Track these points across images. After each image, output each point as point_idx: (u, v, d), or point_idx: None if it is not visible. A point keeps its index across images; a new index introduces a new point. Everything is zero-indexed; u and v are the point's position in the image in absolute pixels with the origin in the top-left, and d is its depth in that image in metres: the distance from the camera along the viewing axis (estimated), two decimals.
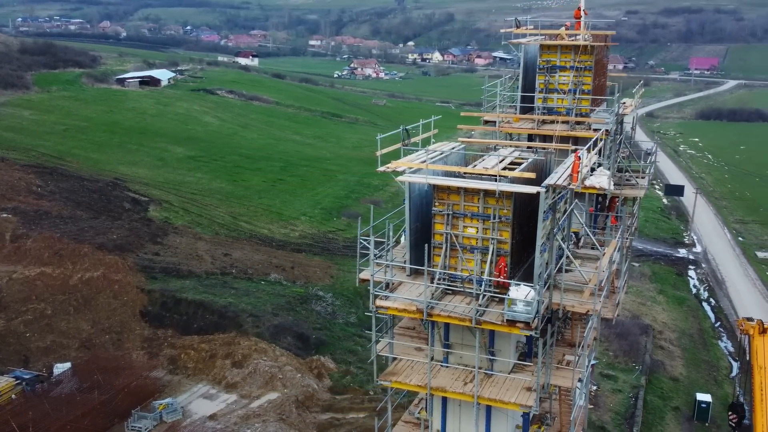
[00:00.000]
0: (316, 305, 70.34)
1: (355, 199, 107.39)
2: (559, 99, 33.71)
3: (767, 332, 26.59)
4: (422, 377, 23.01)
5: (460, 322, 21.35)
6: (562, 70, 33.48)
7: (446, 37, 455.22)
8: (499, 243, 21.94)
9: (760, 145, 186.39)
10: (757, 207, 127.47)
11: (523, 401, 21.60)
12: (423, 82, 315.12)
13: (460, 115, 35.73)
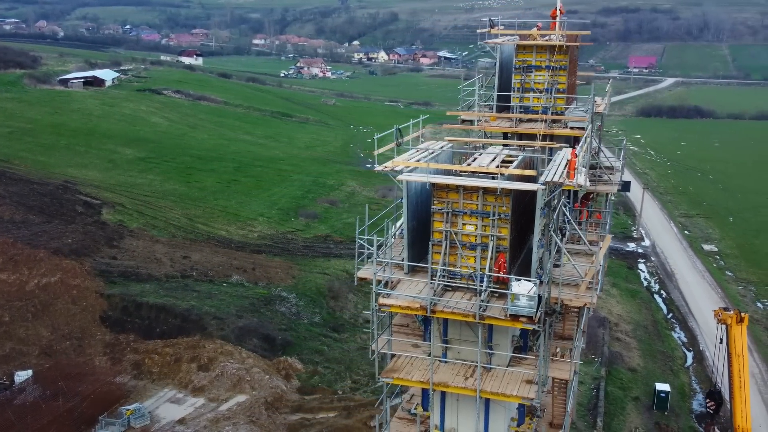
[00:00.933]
0: (280, 306, 70.06)
1: (312, 199, 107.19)
2: (535, 98, 34.37)
3: (744, 321, 27.69)
4: (423, 373, 23.31)
5: (464, 317, 21.72)
6: (537, 70, 34.16)
7: (391, 36, 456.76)
8: (498, 240, 22.38)
9: (699, 141, 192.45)
10: (700, 201, 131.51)
11: (525, 394, 22.10)
12: (370, 81, 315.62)
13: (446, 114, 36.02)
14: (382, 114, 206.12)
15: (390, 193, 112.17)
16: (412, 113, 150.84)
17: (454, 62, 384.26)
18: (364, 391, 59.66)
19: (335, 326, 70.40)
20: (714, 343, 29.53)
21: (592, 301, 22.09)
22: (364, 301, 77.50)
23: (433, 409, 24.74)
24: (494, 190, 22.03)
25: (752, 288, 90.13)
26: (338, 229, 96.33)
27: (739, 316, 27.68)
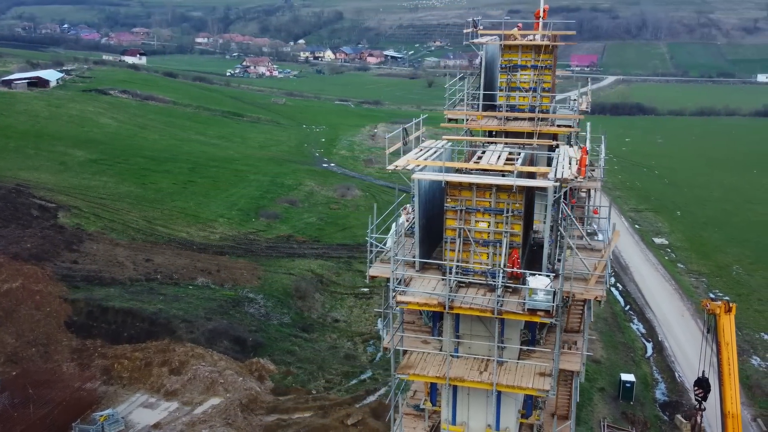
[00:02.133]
0: (248, 308, 69.60)
1: (271, 199, 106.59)
2: (522, 97, 34.99)
3: (732, 311, 28.84)
4: (437, 368, 23.64)
5: (482, 313, 22.13)
6: (523, 69, 34.76)
7: (336, 35, 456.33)
8: (512, 236, 22.86)
9: (643, 137, 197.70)
10: (648, 196, 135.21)
11: (540, 386, 22.63)
12: (318, 80, 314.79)
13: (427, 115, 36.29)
14: (333, 113, 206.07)
15: (348, 192, 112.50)
16: (363, 112, 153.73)
17: (401, 61, 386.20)
18: (338, 390, 59.76)
19: (304, 326, 70.28)
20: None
21: (602, 294, 22.74)
22: (331, 301, 77.67)
23: (444, 404, 25.09)
24: (507, 187, 22.48)
25: (704, 279, 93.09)
26: (300, 229, 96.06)
27: (727, 306, 28.81)
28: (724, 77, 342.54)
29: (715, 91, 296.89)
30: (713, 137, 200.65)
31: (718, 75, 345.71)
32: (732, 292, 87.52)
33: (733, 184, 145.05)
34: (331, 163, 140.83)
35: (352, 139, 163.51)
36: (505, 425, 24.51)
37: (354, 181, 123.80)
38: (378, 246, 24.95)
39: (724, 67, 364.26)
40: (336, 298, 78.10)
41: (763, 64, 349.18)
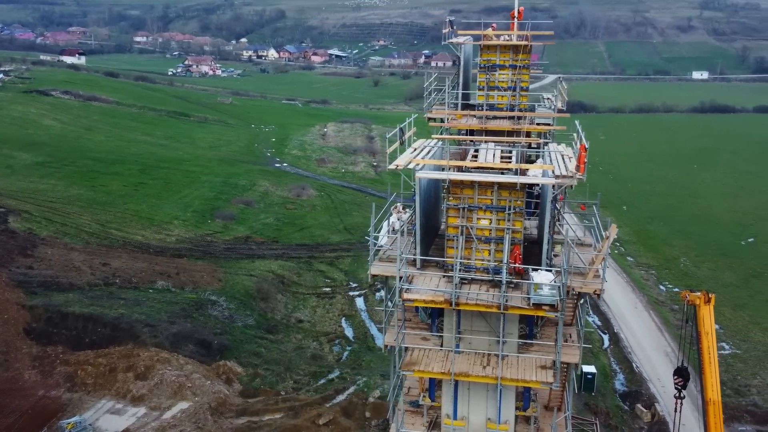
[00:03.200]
0: (212, 310, 68.90)
1: (226, 200, 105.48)
2: (500, 96, 35.57)
3: (711, 301, 29.96)
4: (441, 364, 23.98)
5: (487, 308, 22.55)
6: (501, 69, 35.34)
7: (279, 34, 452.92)
8: (513, 232, 23.34)
9: (585, 134, 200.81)
10: (594, 192, 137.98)
11: (543, 378, 23.20)
12: (263, 79, 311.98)
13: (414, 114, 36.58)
14: (281, 113, 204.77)
15: (304, 192, 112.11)
16: (311, 111, 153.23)
17: (346, 60, 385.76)
18: (307, 391, 59.66)
19: (269, 328, 69.87)
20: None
21: (601, 288, 23.41)
22: (294, 302, 77.40)
23: (445, 399, 25.44)
24: (509, 184, 22.94)
25: (653, 272, 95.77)
26: (257, 229, 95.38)
27: (706, 297, 29.88)
28: (661, 75, 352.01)
29: (652, 89, 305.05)
30: (653, 133, 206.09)
31: (655, 73, 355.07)
32: (681, 283, 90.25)
33: (675, 178, 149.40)
34: (284, 162, 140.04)
35: (303, 139, 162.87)
36: (505, 418, 24.99)
37: (308, 180, 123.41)
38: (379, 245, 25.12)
39: (660, 65, 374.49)
40: (298, 298, 77.86)
41: (697, 62, 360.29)
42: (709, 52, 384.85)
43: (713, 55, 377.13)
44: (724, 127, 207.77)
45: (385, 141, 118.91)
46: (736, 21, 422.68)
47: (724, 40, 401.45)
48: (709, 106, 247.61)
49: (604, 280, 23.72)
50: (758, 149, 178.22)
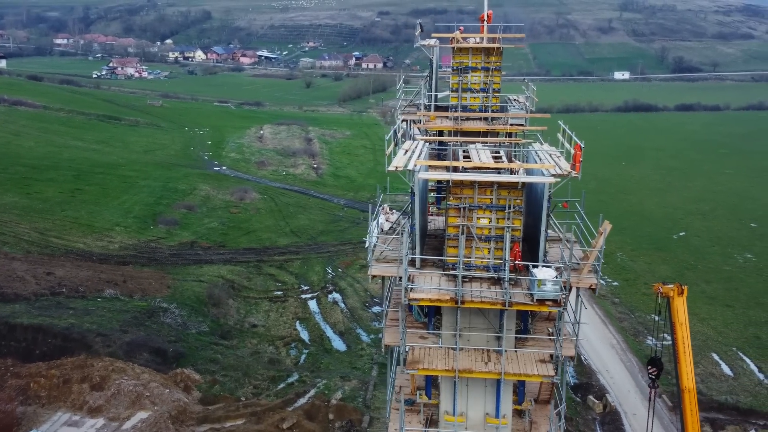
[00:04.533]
0: (164, 318, 67.65)
1: (167, 205, 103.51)
2: (473, 97, 36.25)
3: (684, 293, 31.28)
4: (444, 362, 24.35)
5: (492, 305, 23.05)
6: (474, 71, 36.03)
7: (206, 35, 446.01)
8: (513, 231, 23.91)
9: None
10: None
11: (545, 372, 23.86)
12: (191, 81, 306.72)
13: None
14: (214, 115, 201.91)
15: (246, 195, 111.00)
16: (245, 113, 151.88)
17: (276, 62, 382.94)
18: (267, 395, 59.26)
19: (223, 333, 69.06)
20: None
21: (596, 282, 24.22)
22: (246, 306, 76.66)
23: (444, 396, 25.82)
24: (509, 184, 23.50)
25: None
26: (203, 234, 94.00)
27: (679, 289, 31.17)
28: (584, 75, 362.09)
29: (577, 89, 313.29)
30: (581, 133, 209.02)
31: (579, 73, 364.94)
32: (619, 277, 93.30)
33: (605, 176, 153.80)
34: (223, 166, 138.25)
35: (240, 142, 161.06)
36: (503, 412, 25.56)
37: (249, 184, 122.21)
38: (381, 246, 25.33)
39: (583, 65, 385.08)
40: (250, 303, 77.13)
41: (618, 62, 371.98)
42: (629, 53, 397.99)
43: (633, 55, 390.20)
44: (648, 125, 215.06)
45: (323, 143, 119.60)
46: (654, 22, 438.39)
47: (644, 41, 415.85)
48: (632, 105, 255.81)
49: (599, 274, 24.52)
50: (682, 146, 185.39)
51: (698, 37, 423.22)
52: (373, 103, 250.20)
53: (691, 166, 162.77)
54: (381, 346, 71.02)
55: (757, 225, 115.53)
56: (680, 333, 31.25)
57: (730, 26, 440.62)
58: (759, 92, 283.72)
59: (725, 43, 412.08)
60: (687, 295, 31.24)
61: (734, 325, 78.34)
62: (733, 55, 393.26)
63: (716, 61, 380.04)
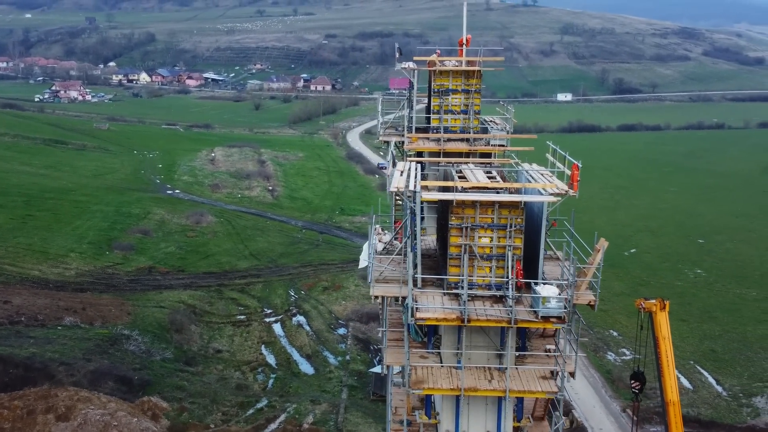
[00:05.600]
0: (127, 345, 66.19)
1: (122, 230, 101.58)
2: (453, 119, 36.82)
3: (666, 308, 32.13)
4: (448, 381, 24.50)
5: (497, 323, 23.36)
6: (454, 93, 36.65)
7: (150, 57, 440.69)
8: (514, 249, 24.31)
9: None
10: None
11: (548, 388, 24.22)
12: (137, 104, 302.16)
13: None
14: (163, 138, 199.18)
15: (203, 219, 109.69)
16: (194, 136, 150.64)
17: (223, 84, 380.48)
18: (237, 422, 58.42)
19: (187, 360, 67.91)
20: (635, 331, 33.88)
21: (594, 299, 24.75)
22: (209, 332, 75.59)
23: (445, 415, 25.94)
24: (510, 203, 23.95)
25: None
26: (160, 259, 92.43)
27: (662, 304, 32.01)
28: (528, 97, 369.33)
29: (522, 111, 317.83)
30: (531, 154, 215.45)
31: (523, 95, 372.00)
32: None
33: None
34: (176, 189, 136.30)
35: (192, 164, 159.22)
36: (505, 430, 25.81)
37: (204, 207, 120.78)
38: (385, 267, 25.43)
39: (527, 88, 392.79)
40: (213, 328, 76.08)
41: (561, 84, 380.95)
42: (571, 75, 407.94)
43: (575, 77, 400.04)
44: (593, 146, 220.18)
45: (277, 165, 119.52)
46: (594, 45, 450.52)
47: (584, 64, 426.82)
48: (576, 125, 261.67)
49: (597, 291, 25.09)
50: (627, 165, 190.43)
51: (637, 59, 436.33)
52: (324, 125, 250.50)
53: (637, 185, 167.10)
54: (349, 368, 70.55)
55: (704, 241, 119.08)
56: (663, 347, 32.06)
57: (667, 48, 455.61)
58: (697, 112, 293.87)
59: (663, 64, 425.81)
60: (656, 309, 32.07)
61: (690, 339, 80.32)
62: (671, 77, 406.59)
63: (655, 82, 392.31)
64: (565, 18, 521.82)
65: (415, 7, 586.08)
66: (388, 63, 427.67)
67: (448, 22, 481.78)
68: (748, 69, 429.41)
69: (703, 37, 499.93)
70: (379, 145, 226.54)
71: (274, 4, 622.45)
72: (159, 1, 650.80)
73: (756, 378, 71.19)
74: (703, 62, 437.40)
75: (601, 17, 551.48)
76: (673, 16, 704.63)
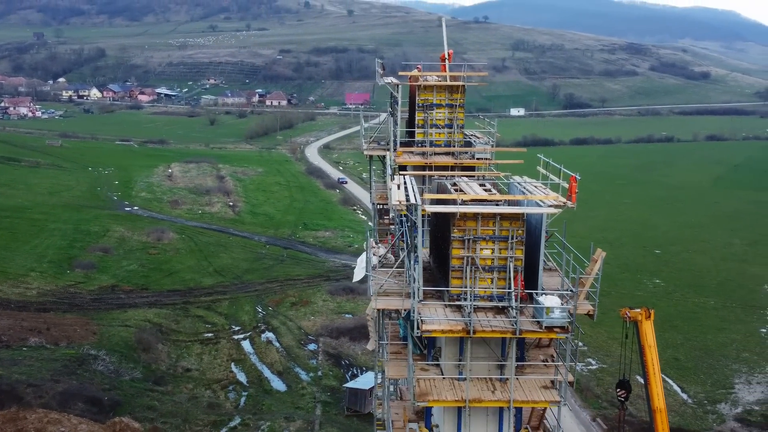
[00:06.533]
0: (95, 365, 64.82)
1: (82, 248, 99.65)
2: (438, 133, 37.26)
3: (651, 317, 32.82)
4: (452, 393, 24.67)
5: (502, 334, 23.66)
6: (438, 108, 37.10)
7: (101, 73, 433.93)
8: (515, 260, 24.69)
9: None
10: None
11: (551, 397, 24.60)
12: (89, 120, 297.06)
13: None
14: (117, 154, 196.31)
15: (164, 236, 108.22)
16: (149, 152, 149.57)
17: (176, 99, 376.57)
18: None
19: (156, 379, 66.74)
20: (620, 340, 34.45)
21: (593, 309, 25.23)
22: (177, 350, 74.47)
23: (448, 427, 26.09)
24: (511, 215, 24.35)
25: None
26: (123, 277, 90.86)
27: (647, 313, 32.68)
28: (482, 112, 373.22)
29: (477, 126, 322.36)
30: None
31: (477, 110, 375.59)
32: None
33: None
34: (134, 206, 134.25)
35: (149, 181, 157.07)
36: None
37: (165, 224, 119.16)
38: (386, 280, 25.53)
39: (482, 103, 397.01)
40: (181, 346, 74.96)
41: (514, 99, 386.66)
42: (523, 90, 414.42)
43: (527, 93, 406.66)
44: (547, 159, 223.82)
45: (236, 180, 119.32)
46: (544, 61, 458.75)
47: (536, 79, 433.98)
48: (531, 140, 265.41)
49: (596, 301, 25.58)
50: (581, 178, 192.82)
51: (586, 74, 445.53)
52: (282, 139, 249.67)
53: (592, 197, 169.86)
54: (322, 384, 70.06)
55: (660, 252, 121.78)
56: (649, 355, 32.68)
57: (616, 64, 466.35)
58: (646, 126, 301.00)
59: (611, 79, 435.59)
60: (645, 319, 32.72)
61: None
62: (620, 91, 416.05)
63: (604, 96, 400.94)
64: (516, 34, 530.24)
65: (369, 23, 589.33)
66: (343, 78, 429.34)
67: (402, 38, 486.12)
68: (694, 83, 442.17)
69: (650, 53, 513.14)
70: (338, 160, 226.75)
71: (227, 20, 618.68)
72: (109, 17, 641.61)
73: (719, 385, 72.83)
74: (650, 77, 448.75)
75: (550, 33, 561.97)
76: (620, 32, 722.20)
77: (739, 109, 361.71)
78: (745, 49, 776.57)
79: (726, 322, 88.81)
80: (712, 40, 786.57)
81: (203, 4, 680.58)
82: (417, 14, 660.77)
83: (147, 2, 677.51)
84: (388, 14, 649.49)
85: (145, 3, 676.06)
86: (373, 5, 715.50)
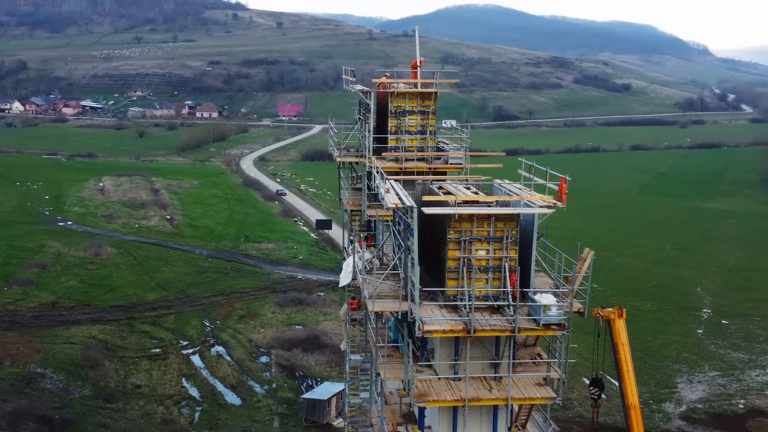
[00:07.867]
0: (43, 383, 62.62)
1: (17, 265, 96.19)
2: (410, 139, 37.70)
3: (623, 315, 33.93)
4: (451, 393, 24.96)
5: (501, 333, 24.12)
6: (410, 114, 37.59)
7: (22, 85, 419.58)
8: (510, 260, 25.22)
9: None
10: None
11: (546, 394, 25.18)
12: (12, 134, 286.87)
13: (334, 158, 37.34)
14: (45, 168, 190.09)
15: (101, 250, 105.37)
16: (78, 166, 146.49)
17: (102, 112, 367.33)
18: None
19: (107, 396, 64.91)
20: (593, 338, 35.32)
21: (583, 307, 25.97)
22: (125, 367, 72.62)
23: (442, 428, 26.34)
24: (505, 216, 24.92)
25: None
26: (63, 293, 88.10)
27: (619, 311, 33.77)
28: None
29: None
30: None
31: None
32: None
33: None
34: (68, 221, 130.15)
35: (81, 195, 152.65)
36: None
37: (101, 238, 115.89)
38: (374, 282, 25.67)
39: None
40: (128, 362, 73.04)
41: (445, 112, 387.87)
42: (453, 103, 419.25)
43: (458, 105, 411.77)
44: (481, 170, 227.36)
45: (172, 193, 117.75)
46: (473, 74, 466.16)
47: (465, 92, 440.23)
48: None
49: (586, 299, 26.34)
50: None
51: (513, 87, 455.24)
52: (215, 152, 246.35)
53: None
54: (277, 396, 69.46)
55: (595, 257, 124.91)
56: (623, 353, 33.75)
57: (541, 77, 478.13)
58: (572, 137, 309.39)
59: (537, 92, 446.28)
60: None
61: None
62: (545, 103, 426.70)
63: (531, 108, 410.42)
64: (444, 48, 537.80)
65: (299, 35, 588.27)
66: (275, 90, 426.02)
67: (333, 51, 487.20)
68: (616, 95, 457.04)
69: (573, 66, 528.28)
70: (275, 172, 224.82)
71: (152, 31, 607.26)
72: (29, 28, 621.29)
73: (663, 385, 75.24)
74: (574, 89, 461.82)
75: (477, 47, 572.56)
76: (543, 46, 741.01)
77: (660, 120, 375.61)
78: (662, 62, 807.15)
79: (664, 324, 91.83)
80: (631, 53, 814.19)
81: (127, 15, 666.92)
82: (347, 27, 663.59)
83: (69, 14, 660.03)
84: (317, 26, 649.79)
85: (67, 15, 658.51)
86: (302, 18, 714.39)
